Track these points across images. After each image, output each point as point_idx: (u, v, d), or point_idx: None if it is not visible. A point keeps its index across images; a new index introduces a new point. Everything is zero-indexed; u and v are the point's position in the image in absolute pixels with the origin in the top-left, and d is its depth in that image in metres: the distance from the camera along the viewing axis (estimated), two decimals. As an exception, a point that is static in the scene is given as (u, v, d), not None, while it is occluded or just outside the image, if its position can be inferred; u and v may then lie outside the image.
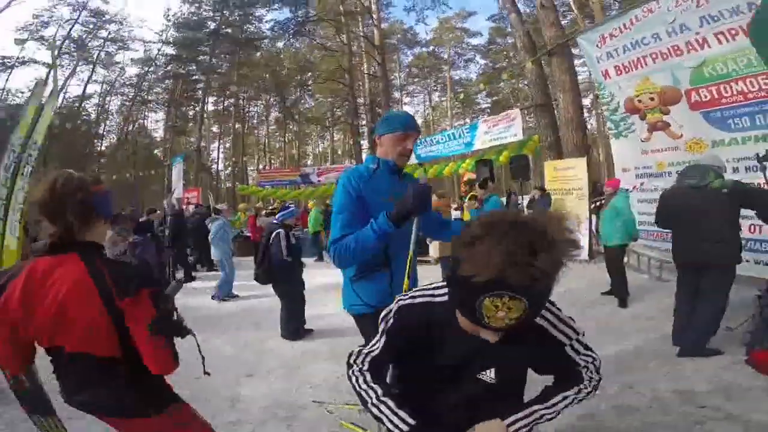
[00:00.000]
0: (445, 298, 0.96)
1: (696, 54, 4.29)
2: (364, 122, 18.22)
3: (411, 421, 0.93)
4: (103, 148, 28.64)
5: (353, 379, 1.04)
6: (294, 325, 4.08)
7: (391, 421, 0.94)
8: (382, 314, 1.03)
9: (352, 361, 1.06)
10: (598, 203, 7.37)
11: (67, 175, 1.21)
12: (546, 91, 7.95)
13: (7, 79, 23.87)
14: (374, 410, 0.97)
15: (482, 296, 0.74)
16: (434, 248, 6.28)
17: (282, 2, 22.83)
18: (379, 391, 0.98)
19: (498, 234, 0.73)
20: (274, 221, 4.34)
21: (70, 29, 24.07)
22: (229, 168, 32.27)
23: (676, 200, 3.17)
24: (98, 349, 1.17)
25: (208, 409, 1.96)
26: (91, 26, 24.92)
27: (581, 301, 4.80)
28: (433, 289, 1.03)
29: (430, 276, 6.33)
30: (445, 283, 0.99)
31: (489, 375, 0.96)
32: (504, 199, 10.29)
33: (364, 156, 18.57)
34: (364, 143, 19.70)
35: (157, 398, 1.30)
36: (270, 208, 10.39)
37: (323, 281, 6.31)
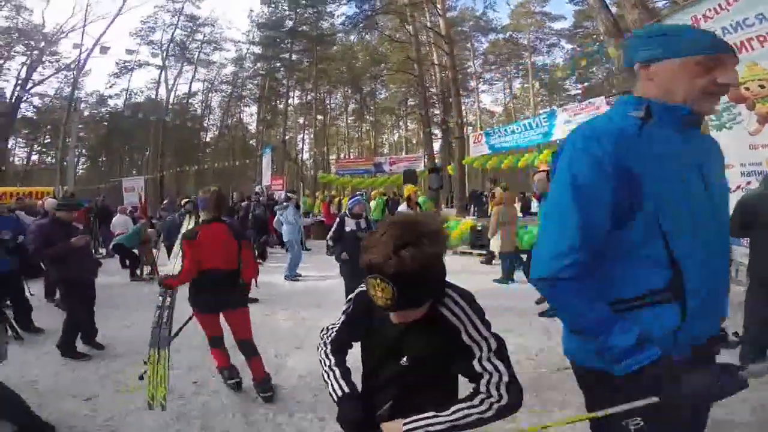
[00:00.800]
0: None
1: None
2: (437, 112, 17.98)
3: (346, 389, 1.08)
4: (207, 139, 32.58)
5: (318, 348, 1.23)
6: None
7: (331, 386, 1.11)
8: (348, 297, 1.20)
9: (321, 335, 1.26)
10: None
11: (217, 190, 2.87)
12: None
13: (129, 80, 28.10)
14: (324, 375, 1.15)
15: (367, 277, 0.93)
16: (495, 243, 6.15)
17: (349, -3, 23.33)
18: (332, 362, 1.16)
19: (386, 228, 0.94)
20: (345, 212, 4.69)
21: (173, 33, 27.36)
22: (317, 157, 34.40)
23: (757, 207, 2.78)
24: (232, 264, 2.76)
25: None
26: (189, 30, 28.07)
27: None
28: None
29: (489, 271, 6.28)
30: None
31: (404, 361, 1.04)
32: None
33: (435, 147, 18.41)
34: (438, 132, 19.51)
35: (247, 296, 3.14)
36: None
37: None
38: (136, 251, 7.34)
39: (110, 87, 28.53)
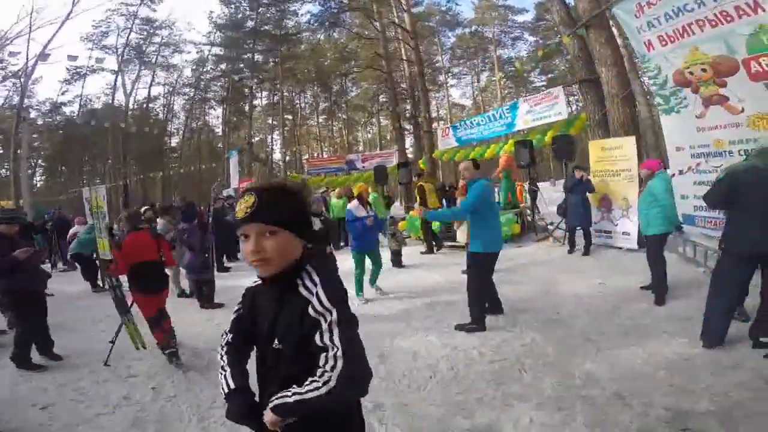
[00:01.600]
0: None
1: (749, 19, 3.72)
2: (408, 107, 18.05)
3: (232, 386, 1.10)
4: (173, 144, 31.50)
5: (220, 344, 1.23)
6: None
7: (221, 385, 1.12)
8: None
9: (225, 330, 1.25)
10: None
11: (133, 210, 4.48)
12: (591, 65, 7.29)
13: (83, 86, 26.81)
14: (219, 370, 1.16)
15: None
16: (461, 234, 6.23)
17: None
18: (224, 362, 1.16)
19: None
20: None
21: (127, 37, 26.34)
22: (287, 158, 33.88)
23: (747, 180, 2.85)
24: (154, 257, 3.71)
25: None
26: (146, 33, 27.07)
27: (616, 296, 4.52)
28: None
29: (459, 260, 6.28)
30: None
31: (276, 344, 1.05)
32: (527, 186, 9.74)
33: (408, 142, 18.48)
34: (410, 128, 19.57)
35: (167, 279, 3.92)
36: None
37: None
38: (96, 260, 7.01)
39: (62, 94, 27.12)
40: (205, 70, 28.74)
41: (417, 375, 3.02)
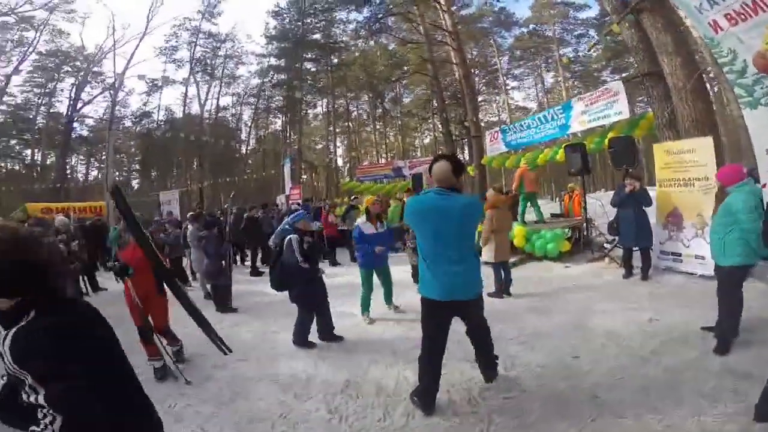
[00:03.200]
0: None
1: None
2: (461, 111, 17.23)
3: None
4: (245, 151, 33.97)
5: None
6: (299, 335, 4.05)
7: None
8: None
9: None
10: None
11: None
12: (654, 56, 6.10)
13: (159, 97, 29.84)
14: None
15: None
16: (487, 252, 5.50)
17: (353, 3, 23.34)
18: None
19: None
20: (286, 226, 4.32)
21: (193, 51, 28.69)
22: (348, 164, 34.69)
23: None
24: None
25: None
26: (210, 47, 29.33)
27: (662, 336, 3.57)
28: None
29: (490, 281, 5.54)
30: None
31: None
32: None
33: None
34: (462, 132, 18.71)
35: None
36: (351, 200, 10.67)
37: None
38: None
39: (144, 105, 30.62)
40: (265, 80, 30.54)
41: (369, 413, 2.63)
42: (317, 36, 28.97)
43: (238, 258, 9.50)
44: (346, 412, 2.71)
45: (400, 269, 6.21)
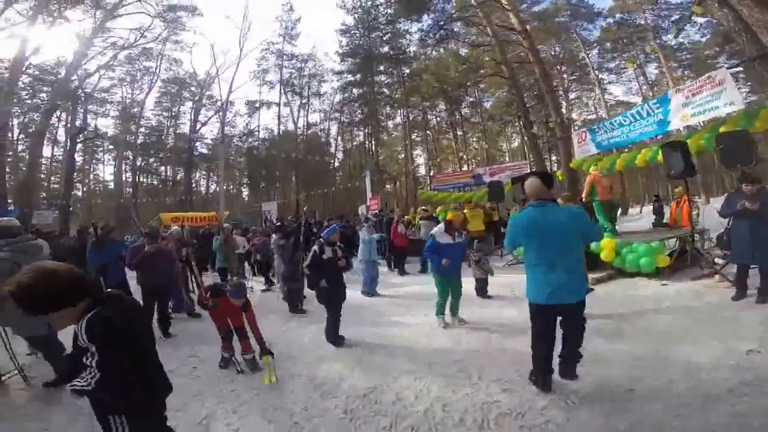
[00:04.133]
0: None
1: None
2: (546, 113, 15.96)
3: None
4: (335, 164, 36.29)
5: None
6: (331, 333, 4.41)
7: None
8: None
9: None
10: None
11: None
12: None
13: (258, 118, 33.13)
14: None
15: None
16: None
17: (413, 13, 23.19)
18: None
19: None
20: (321, 239, 4.62)
21: (281, 72, 31.42)
22: (431, 172, 34.73)
23: None
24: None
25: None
26: (295, 68, 31.95)
27: (754, 375, 2.85)
28: None
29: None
30: None
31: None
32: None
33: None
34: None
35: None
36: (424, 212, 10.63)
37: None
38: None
39: (246, 125, 34.66)
40: (345, 95, 32.27)
41: (379, 419, 2.69)
42: (386, 49, 29.74)
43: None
44: (359, 414, 2.81)
45: (464, 281, 6.07)
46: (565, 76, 27.25)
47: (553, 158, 24.30)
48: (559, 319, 2.86)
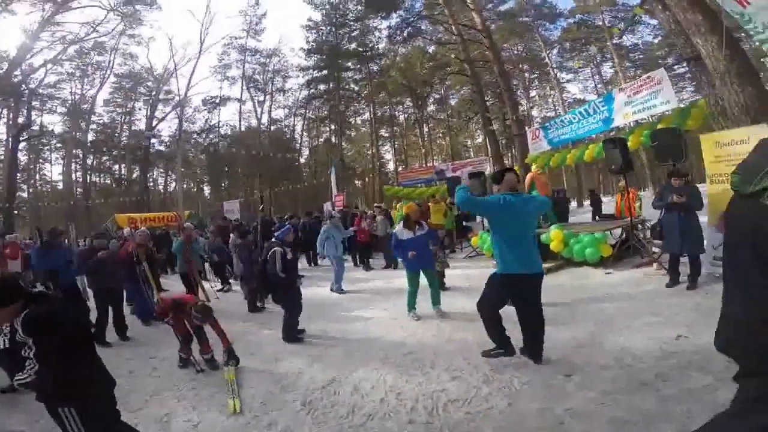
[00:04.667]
0: None
1: None
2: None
3: None
4: (302, 161, 35.80)
5: None
6: (288, 331, 4.45)
7: None
8: None
9: None
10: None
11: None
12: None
13: (219, 114, 32.26)
14: None
15: None
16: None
17: (381, 10, 23.49)
18: None
19: None
20: (273, 239, 4.67)
21: (243, 68, 30.76)
22: (399, 168, 35.03)
23: None
24: None
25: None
26: (259, 63, 31.33)
27: (682, 359, 3.12)
28: None
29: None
30: None
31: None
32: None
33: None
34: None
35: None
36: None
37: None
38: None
39: (206, 121, 33.60)
40: (311, 92, 31.94)
41: (337, 409, 2.83)
42: (354, 45, 29.72)
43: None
44: (317, 405, 2.93)
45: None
46: (526, 74, 28.27)
47: (511, 154, 25.33)
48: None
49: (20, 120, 23.51)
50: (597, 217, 10.41)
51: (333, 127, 32.88)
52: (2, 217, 19.34)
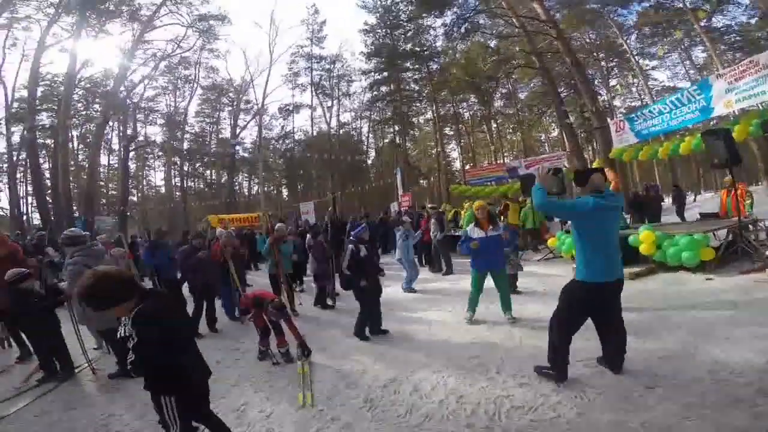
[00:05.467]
0: None
1: None
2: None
3: None
4: (369, 162, 36.74)
5: None
6: (357, 328, 4.61)
7: None
8: None
9: None
10: None
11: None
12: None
13: (293, 120, 34.37)
14: None
15: None
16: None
17: (434, 9, 22.60)
18: None
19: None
20: (352, 237, 4.83)
21: (311, 75, 32.21)
22: (467, 166, 34.29)
23: None
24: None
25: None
26: (324, 69, 32.60)
27: None
28: None
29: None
30: None
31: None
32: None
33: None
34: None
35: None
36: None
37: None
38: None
39: (282, 128, 35.77)
40: (374, 94, 32.50)
41: (395, 408, 2.88)
42: (410, 45, 29.55)
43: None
44: (377, 403, 3.02)
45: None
46: (603, 63, 25.84)
47: (592, 148, 23.29)
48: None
49: (129, 132, 27.26)
50: (695, 216, 9.20)
51: (396, 128, 33.20)
52: (119, 219, 22.60)
